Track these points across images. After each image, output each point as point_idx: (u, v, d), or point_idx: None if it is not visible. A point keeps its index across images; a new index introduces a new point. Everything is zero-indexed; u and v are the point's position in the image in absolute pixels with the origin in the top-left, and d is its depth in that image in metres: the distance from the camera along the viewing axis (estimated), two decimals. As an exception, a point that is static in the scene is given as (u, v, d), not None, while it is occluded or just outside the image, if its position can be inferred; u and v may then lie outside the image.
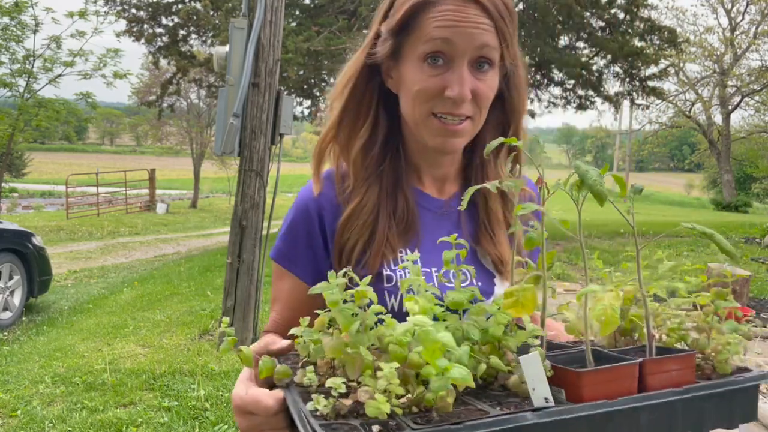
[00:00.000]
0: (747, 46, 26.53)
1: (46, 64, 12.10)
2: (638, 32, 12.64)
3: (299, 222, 1.02)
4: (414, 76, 0.94)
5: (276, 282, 1.05)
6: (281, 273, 1.03)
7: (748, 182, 33.64)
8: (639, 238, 0.82)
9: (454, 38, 0.91)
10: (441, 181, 1.07)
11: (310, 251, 1.01)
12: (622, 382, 0.66)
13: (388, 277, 0.96)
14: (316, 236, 1.00)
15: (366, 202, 0.99)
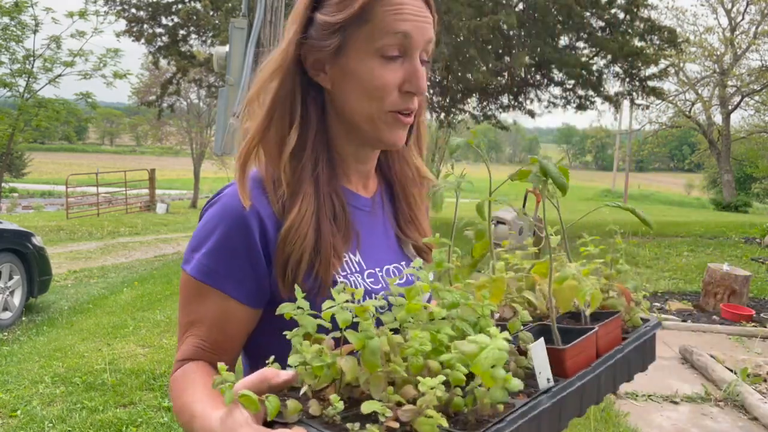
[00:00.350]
0: (747, 46, 26.51)
1: (46, 64, 12.10)
2: (638, 32, 12.63)
3: (235, 235, 0.89)
4: (370, 70, 0.89)
5: (193, 303, 0.91)
6: (205, 292, 0.90)
7: (748, 182, 33.62)
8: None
9: (412, 32, 0.89)
10: (365, 177, 1.05)
11: (248, 267, 0.89)
12: (588, 350, 0.79)
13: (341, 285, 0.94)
14: (256, 250, 0.89)
15: (305, 210, 0.92)
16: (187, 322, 0.92)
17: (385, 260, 1.01)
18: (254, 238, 0.89)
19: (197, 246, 0.91)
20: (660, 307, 6.66)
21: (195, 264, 0.90)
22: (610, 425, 3.56)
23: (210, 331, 0.91)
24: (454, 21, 10.74)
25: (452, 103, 15.43)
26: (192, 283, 0.91)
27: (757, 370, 4.52)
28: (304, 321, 0.71)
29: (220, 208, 0.91)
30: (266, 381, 0.69)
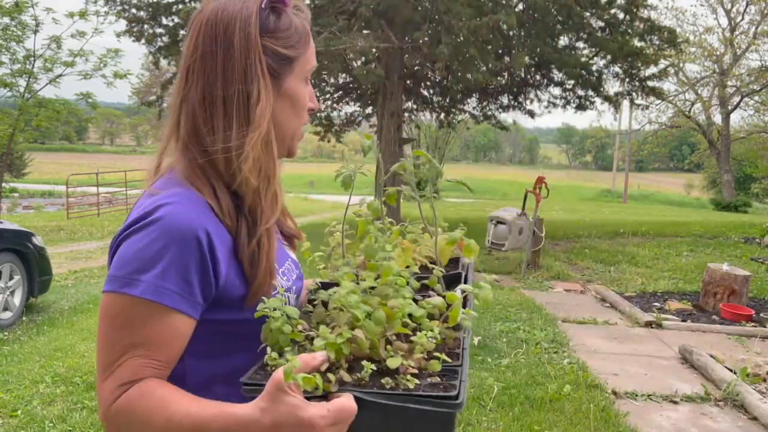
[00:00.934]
0: (747, 46, 26.51)
1: (46, 64, 12.10)
2: (638, 32, 12.63)
3: (188, 252, 0.90)
4: (301, 92, 1.07)
5: (139, 326, 0.89)
6: (158, 313, 0.89)
7: (747, 182, 33.63)
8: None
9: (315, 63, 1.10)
10: None
11: (199, 282, 0.91)
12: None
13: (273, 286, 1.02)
14: (206, 264, 0.92)
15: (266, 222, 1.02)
16: (127, 344, 0.89)
17: (282, 259, 1.11)
18: (204, 252, 0.91)
19: (143, 268, 0.88)
20: (660, 307, 6.66)
21: (146, 286, 0.88)
22: (610, 425, 3.57)
23: (159, 350, 0.89)
24: (454, 21, 10.74)
25: (452, 103, 15.43)
26: (138, 305, 0.88)
27: (756, 369, 4.52)
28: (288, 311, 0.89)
29: (164, 228, 0.90)
30: (308, 365, 0.79)
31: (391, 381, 0.79)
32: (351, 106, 16.61)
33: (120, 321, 0.89)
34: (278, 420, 0.77)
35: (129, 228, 0.93)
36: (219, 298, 0.94)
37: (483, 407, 3.76)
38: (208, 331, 0.95)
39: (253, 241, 0.97)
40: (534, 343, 5.08)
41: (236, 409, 0.81)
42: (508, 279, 8.31)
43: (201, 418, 0.83)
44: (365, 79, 11.73)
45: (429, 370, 0.83)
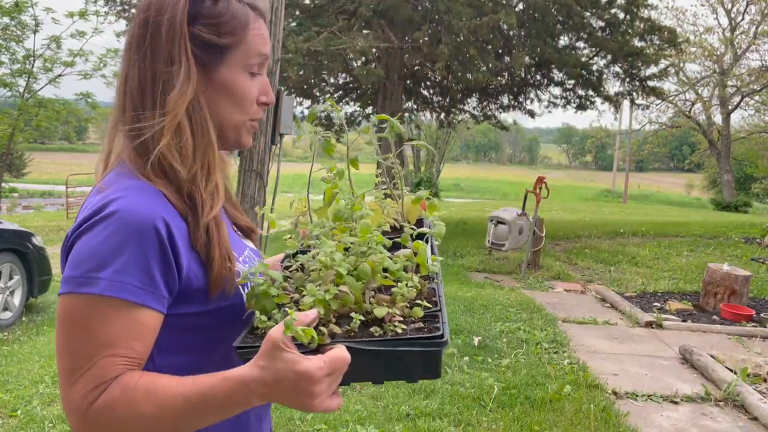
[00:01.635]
0: (747, 46, 26.51)
1: (46, 64, 12.09)
2: (638, 32, 12.63)
3: (148, 244, 0.88)
4: (241, 84, 1.03)
5: (105, 325, 0.86)
6: (122, 310, 0.86)
7: (748, 182, 33.60)
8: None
9: (267, 53, 1.05)
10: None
11: (162, 274, 0.89)
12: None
13: (238, 273, 1.01)
14: (167, 255, 0.90)
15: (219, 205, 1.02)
16: (95, 346, 0.85)
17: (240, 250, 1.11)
18: (165, 244, 0.89)
19: (101, 264, 0.86)
20: (660, 307, 6.66)
21: (106, 284, 0.85)
22: (610, 425, 3.57)
23: (129, 346, 0.87)
24: (454, 21, 10.74)
25: (452, 103, 15.42)
26: (100, 303, 0.85)
27: (757, 370, 4.52)
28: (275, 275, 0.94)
29: (120, 222, 0.87)
30: (301, 321, 0.82)
31: (379, 329, 0.85)
32: (351, 106, 16.60)
33: (83, 323, 0.86)
34: (278, 376, 0.79)
35: (81, 226, 0.89)
36: (182, 290, 0.93)
37: (483, 407, 3.76)
38: (176, 326, 0.94)
39: (200, 229, 0.95)
40: (534, 343, 5.08)
41: (235, 373, 0.83)
42: (508, 279, 8.31)
43: (198, 392, 0.83)
44: (365, 79, 11.73)
45: (413, 317, 0.89)
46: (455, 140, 38.73)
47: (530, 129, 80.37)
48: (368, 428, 3.40)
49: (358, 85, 14.73)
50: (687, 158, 54.17)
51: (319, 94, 15.59)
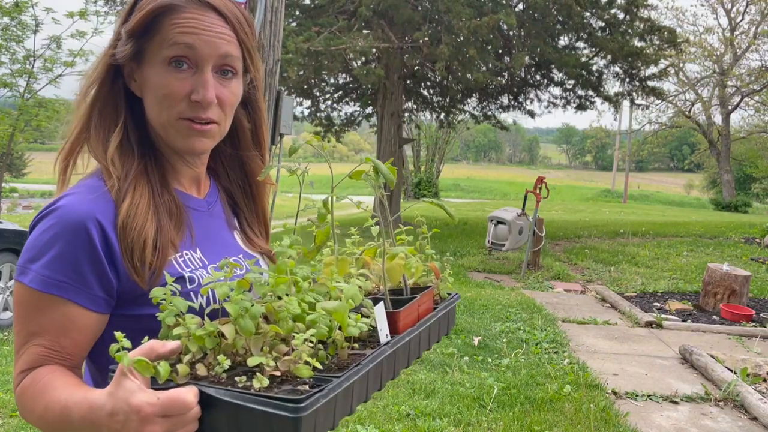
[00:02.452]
0: (747, 46, 26.51)
1: (46, 64, 12.09)
2: (638, 32, 12.64)
3: (75, 243, 0.89)
4: (159, 79, 0.96)
5: (34, 314, 0.90)
6: (48, 303, 0.89)
7: (748, 182, 33.61)
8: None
9: (196, 44, 0.95)
10: (197, 180, 1.11)
11: (91, 273, 0.90)
12: (413, 314, 1.00)
13: (191, 279, 0.98)
14: (97, 256, 0.90)
15: (138, 199, 0.96)
16: (28, 332, 0.90)
17: (224, 255, 1.06)
18: (95, 243, 0.90)
19: (35, 257, 0.90)
20: (660, 307, 6.66)
21: (34, 275, 0.89)
22: (610, 425, 3.57)
23: (56, 338, 0.90)
24: (454, 21, 10.74)
25: (452, 103, 15.43)
26: (31, 294, 0.89)
27: (756, 370, 4.52)
28: (176, 302, 0.81)
29: (58, 218, 0.90)
30: (154, 351, 0.75)
31: (245, 380, 0.73)
32: (351, 106, 16.61)
33: (22, 309, 0.91)
34: (115, 406, 0.73)
35: (36, 217, 0.94)
36: (131, 291, 0.93)
37: (483, 407, 3.76)
38: (133, 328, 0.91)
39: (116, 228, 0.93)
40: (534, 343, 5.08)
41: (93, 395, 0.80)
42: (508, 279, 8.31)
43: (67, 405, 0.83)
44: (365, 79, 11.73)
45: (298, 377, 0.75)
46: (455, 140, 38.74)
47: (530, 129, 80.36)
48: (368, 428, 3.40)
49: (358, 85, 14.74)
50: (687, 158, 54.22)
51: (319, 94, 15.60)
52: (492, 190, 41.70)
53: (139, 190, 0.97)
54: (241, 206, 1.19)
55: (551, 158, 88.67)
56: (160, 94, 0.96)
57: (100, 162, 0.99)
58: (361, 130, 24.45)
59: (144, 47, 0.97)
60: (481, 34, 10.70)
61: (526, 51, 11.89)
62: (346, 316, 0.83)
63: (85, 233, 0.89)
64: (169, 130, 0.99)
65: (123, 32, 0.98)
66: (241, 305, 0.79)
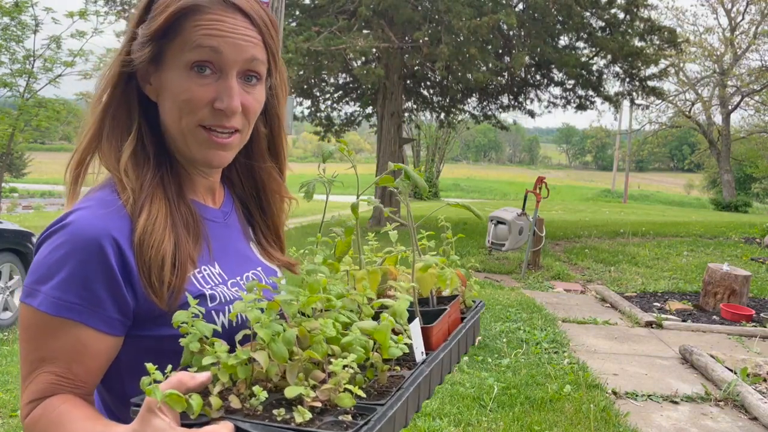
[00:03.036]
0: (747, 46, 26.50)
1: (46, 64, 12.08)
2: (638, 32, 12.64)
3: (90, 261, 0.83)
4: (180, 84, 0.90)
5: (43, 339, 0.83)
6: (59, 327, 0.82)
7: (748, 182, 33.61)
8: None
9: (222, 48, 0.88)
10: (212, 190, 1.05)
11: (107, 293, 0.83)
12: (444, 327, 0.97)
13: (212, 297, 0.92)
14: (113, 274, 0.84)
15: (156, 213, 0.89)
16: (36, 359, 0.84)
17: (243, 269, 1.01)
18: (110, 261, 0.83)
19: (44, 278, 0.83)
20: (660, 307, 6.66)
21: (44, 297, 0.82)
22: (610, 425, 3.57)
23: (68, 365, 0.84)
24: (454, 20, 10.74)
25: (452, 103, 15.44)
26: (41, 318, 0.83)
27: (756, 369, 4.52)
28: (200, 326, 0.74)
29: (69, 234, 0.84)
30: (183, 384, 0.69)
31: (284, 413, 0.67)
32: (351, 106, 16.61)
33: (29, 333, 0.84)
34: None
35: (43, 233, 0.87)
36: (149, 311, 0.86)
37: (483, 407, 3.76)
38: (140, 348, 0.88)
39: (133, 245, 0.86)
40: (534, 343, 5.08)
41: (117, 430, 0.75)
42: (508, 279, 8.31)
43: None
44: (365, 79, 11.73)
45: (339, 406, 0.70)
46: (455, 140, 38.74)
47: (530, 129, 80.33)
48: (368, 428, 3.40)
49: (358, 85, 14.74)
50: (687, 158, 54.21)
51: (319, 94, 15.60)
52: (492, 190, 41.70)
53: (155, 203, 0.90)
54: (255, 217, 1.13)
55: (551, 158, 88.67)
56: (180, 99, 0.90)
57: (113, 173, 0.92)
58: (361, 130, 24.46)
59: (164, 49, 0.91)
60: (481, 34, 10.70)
61: (526, 51, 11.89)
62: (388, 337, 0.78)
63: (99, 251, 0.83)
64: (187, 138, 0.92)
65: (140, 33, 0.92)
66: (273, 329, 0.73)
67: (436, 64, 11.33)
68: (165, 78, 0.91)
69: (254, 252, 1.08)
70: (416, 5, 11.74)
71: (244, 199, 1.12)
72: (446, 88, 14.33)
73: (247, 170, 1.11)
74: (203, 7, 0.89)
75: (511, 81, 13.89)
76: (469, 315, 1.09)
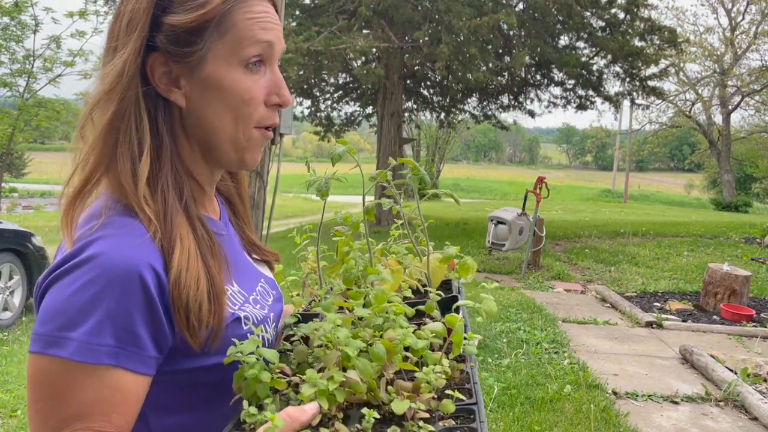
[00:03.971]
0: (747, 46, 26.50)
1: (46, 64, 12.09)
2: (638, 32, 12.64)
3: (130, 296, 0.72)
4: (237, 84, 0.81)
5: (75, 392, 0.71)
6: (92, 375, 0.71)
7: (748, 182, 33.62)
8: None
9: (274, 41, 0.83)
10: (211, 200, 0.96)
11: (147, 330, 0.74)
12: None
13: (246, 318, 0.86)
14: (155, 308, 0.74)
15: (188, 247, 0.79)
16: (65, 417, 0.71)
17: (253, 283, 0.96)
18: (152, 294, 0.73)
19: (71, 323, 0.70)
20: (660, 307, 6.66)
21: (78, 345, 0.70)
22: (611, 425, 3.56)
23: (107, 417, 0.72)
24: (454, 20, 10.74)
25: (452, 102, 15.44)
26: (67, 369, 0.70)
27: (757, 370, 4.52)
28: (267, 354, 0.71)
29: (101, 268, 0.72)
30: (296, 420, 0.63)
31: (399, 430, 0.64)
32: (351, 106, 16.61)
33: (52, 388, 0.71)
34: None
35: (55, 271, 0.74)
36: (176, 347, 0.78)
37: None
38: (173, 383, 0.80)
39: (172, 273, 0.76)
40: (534, 343, 5.08)
41: None
42: (508, 279, 8.31)
43: None
44: (365, 79, 11.73)
45: (441, 411, 0.69)
46: (455, 140, 38.74)
47: (530, 129, 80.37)
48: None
49: (358, 85, 14.74)
50: (687, 158, 54.22)
51: (319, 94, 15.60)
52: (492, 190, 41.70)
53: (184, 233, 0.80)
54: (238, 208, 1.06)
55: (551, 158, 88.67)
56: (238, 100, 0.81)
57: (131, 200, 0.78)
58: (361, 130, 24.46)
59: (209, 45, 0.80)
60: (482, 34, 10.69)
61: (526, 51, 11.89)
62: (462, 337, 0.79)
63: (140, 284, 0.72)
64: (240, 143, 0.84)
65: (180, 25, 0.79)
66: (355, 345, 0.70)
67: (436, 64, 11.33)
68: (210, 78, 0.81)
69: (252, 262, 1.02)
70: (416, 5, 11.73)
71: (227, 193, 1.05)
72: (446, 88, 14.33)
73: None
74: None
75: (511, 81, 13.89)
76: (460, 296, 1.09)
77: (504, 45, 12.47)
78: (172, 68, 0.81)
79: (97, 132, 0.80)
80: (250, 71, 0.82)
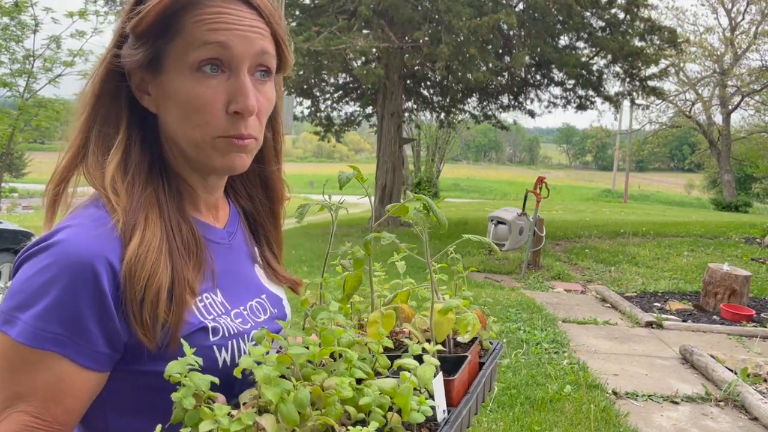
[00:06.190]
0: (747, 46, 26.51)
1: (46, 64, 12.09)
2: (638, 32, 12.64)
3: (79, 286, 0.72)
4: (188, 90, 0.79)
5: (18, 373, 0.72)
6: (38, 359, 0.71)
7: (748, 182, 33.63)
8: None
9: (230, 42, 0.78)
10: (215, 207, 0.95)
11: (95, 324, 0.73)
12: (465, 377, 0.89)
13: (214, 330, 0.82)
14: (106, 303, 0.73)
15: (150, 239, 0.77)
16: (10, 394, 0.72)
17: (247, 297, 0.93)
18: (104, 288, 0.73)
19: (24, 303, 0.72)
20: (660, 307, 6.66)
21: (22, 326, 0.71)
22: (611, 425, 3.56)
23: (45, 405, 0.72)
24: (454, 20, 10.74)
25: (452, 103, 15.44)
26: (19, 349, 0.71)
27: (757, 370, 4.52)
28: (197, 380, 0.64)
29: (57, 255, 0.72)
30: None
31: None
32: (351, 106, 16.61)
33: (5, 364, 0.72)
34: None
35: (24, 253, 0.76)
36: (131, 345, 0.76)
37: (483, 407, 3.76)
38: (127, 382, 0.78)
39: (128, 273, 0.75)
40: (534, 343, 5.08)
41: None
42: (508, 279, 8.31)
43: None
44: (365, 79, 11.73)
45: None
46: (455, 140, 38.75)
47: (530, 129, 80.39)
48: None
49: (358, 85, 14.74)
50: (687, 158, 54.24)
51: (319, 94, 15.61)
52: (492, 190, 41.73)
53: (150, 225, 0.79)
54: (266, 228, 1.04)
55: (551, 158, 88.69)
56: (190, 108, 0.79)
57: (99, 190, 0.81)
58: (361, 130, 24.45)
59: (162, 52, 0.80)
60: (481, 34, 10.69)
61: (526, 51, 11.89)
62: (410, 401, 0.68)
63: (92, 276, 0.72)
64: (204, 149, 0.82)
65: (130, 32, 0.81)
66: (282, 388, 0.64)
67: (436, 64, 11.33)
68: (167, 85, 0.81)
69: (258, 276, 0.99)
70: (416, 5, 11.73)
71: (252, 209, 1.03)
72: (446, 88, 14.33)
73: (256, 177, 1.02)
74: (200, 1, 0.79)
75: (511, 81, 13.89)
76: (488, 360, 0.99)
77: (504, 45, 12.47)
78: (144, 76, 0.83)
79: (75, 131, 0.85)
80: (204, 76, 0.79)
